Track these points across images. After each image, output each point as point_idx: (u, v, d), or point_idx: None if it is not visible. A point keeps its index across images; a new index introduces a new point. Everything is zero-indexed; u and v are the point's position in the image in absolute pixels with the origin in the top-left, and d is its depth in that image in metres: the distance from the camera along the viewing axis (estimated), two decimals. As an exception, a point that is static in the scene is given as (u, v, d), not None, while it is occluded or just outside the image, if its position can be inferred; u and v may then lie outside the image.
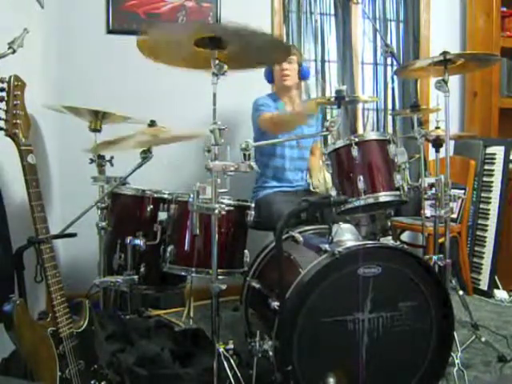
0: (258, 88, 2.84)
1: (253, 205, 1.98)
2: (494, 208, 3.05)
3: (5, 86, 1.29)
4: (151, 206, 2.11)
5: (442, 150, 2.13)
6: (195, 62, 1.74)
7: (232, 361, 1.60)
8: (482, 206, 3.12)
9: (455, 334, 1.79)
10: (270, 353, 1.60)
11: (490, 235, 3.05)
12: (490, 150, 3.11)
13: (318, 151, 2.80)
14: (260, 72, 2.66)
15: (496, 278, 3.05)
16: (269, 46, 1.70)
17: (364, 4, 3.25)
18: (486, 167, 3.12)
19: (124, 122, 2.28)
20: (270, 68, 2.62)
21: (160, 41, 1.66)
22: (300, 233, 1.97)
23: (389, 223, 2.28)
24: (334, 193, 1.87)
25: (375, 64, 3.32)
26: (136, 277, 2.03)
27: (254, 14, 3.03)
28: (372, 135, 1.95)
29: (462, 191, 2.81)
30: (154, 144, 2.03)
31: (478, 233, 3.13)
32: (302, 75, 2.65)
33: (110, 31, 2.86)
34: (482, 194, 3.12)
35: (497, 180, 3.05)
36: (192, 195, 1.66)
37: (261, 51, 1.72)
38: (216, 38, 1.60)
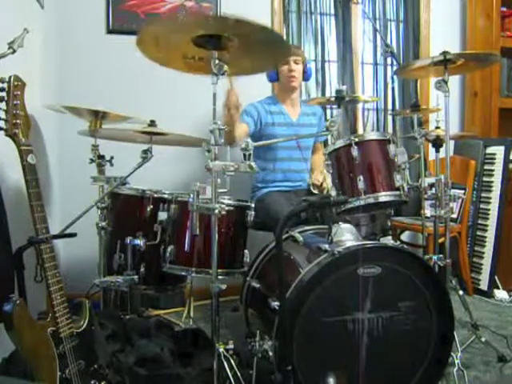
0: (258, 87, 2.85)
1: (253, 205, 1.98)
2: (493, 208, 3.05)
3: (5, 85, 1.29)
4: (151, 206, 2.11)
5: (442, 150, 2.13)
6: (195, 64, 1.74)
7: (232, 361, 1.59)
8: (481, 205, 3.12)
9: (455, 333, 1.79)
10: (270, 353, 1.60)
11: (490, 235, 3.05)
12: (490, 149, 3.11)
13: (321, 150, 2.78)
14: (260, 71, 2.65)
15: (496, 278, 3.05)
16: (269, 43, 1.70)
17: (364, 4, 3.25)
18: (486, 167, 3.12)
19: (124, 122, 2.28)
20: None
21: (159, 37, 1.65)
22: (300, 233, 1.97)
23: (389, 223, 2.28)
24: (333, 193, 1.86)
25: (375, 64, 3.32)
26: (136, 277, 2.03)
27: (253, 14, 2.99)
28: (372, 135, 1.95)
29: (462, 191, 2.81)
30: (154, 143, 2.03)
31: (478, 233, 3.13)
32: (306, 76, 2.63)
33: (110, 31, 2.86)
34: (482, 194, 3.12)
35: (497, 180, 3.05)
36: (192, 195, 1.66)
37: (261, 50, 1.72)
38: (216, 35, 1.60)
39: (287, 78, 2.57)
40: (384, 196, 1.83)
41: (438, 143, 2.16)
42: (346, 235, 1.79)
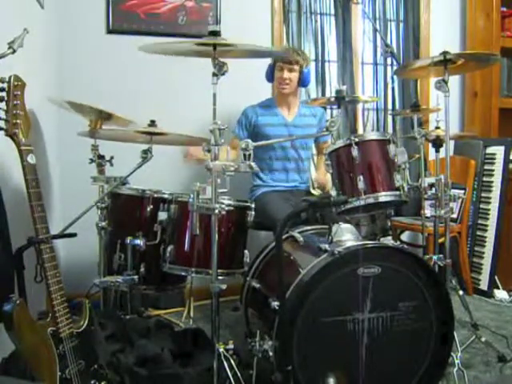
0: (258, 87, 2.85)
1: (253, 205, 1.98)
2: (493, 208, 3.05)
3: (5, 85, 1.29)
4: (151, 206, 2.11)
5: (442, 149, 2.13)
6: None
7: (232, 361, 1.60)
8: (481, 205, 3.12)
9: (455, 333, 1.79)
10: (270, 353, 1.60)
11: (490, 235, 3.05)
12: (490, 149, 3.11)
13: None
14: (260, 71, 2.65)
15: (496, 278, 3.05)
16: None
17: (364, 4, 3.25)
18: (486, 167, 3.12)
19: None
20: (272, 67, 2.60)
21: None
22: (300, 233, 1.97)
23: (389, 223, 2.28)
24: (334, 193, 1.87)
25: (375, 64, 3.31)
26: (136, 277, 2.03)
27: (253, 14, 3.03)
28: (372, 135, 1.96)
29: (462, 191, 2.80)
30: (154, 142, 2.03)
31: (478, 233, 3.13)
32: (303, 83, 2.62)
33: (110, 31, 2.85)
34: (482, 194, 3.12)
35: (497, 180, 3.05)
36: (192, 195, 1.66)
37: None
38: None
39: (278, 85, 2.60)
40: (384, 196, 1.83)
41: (437, 143, 2.16)
42: (346, 235, 1.79)
